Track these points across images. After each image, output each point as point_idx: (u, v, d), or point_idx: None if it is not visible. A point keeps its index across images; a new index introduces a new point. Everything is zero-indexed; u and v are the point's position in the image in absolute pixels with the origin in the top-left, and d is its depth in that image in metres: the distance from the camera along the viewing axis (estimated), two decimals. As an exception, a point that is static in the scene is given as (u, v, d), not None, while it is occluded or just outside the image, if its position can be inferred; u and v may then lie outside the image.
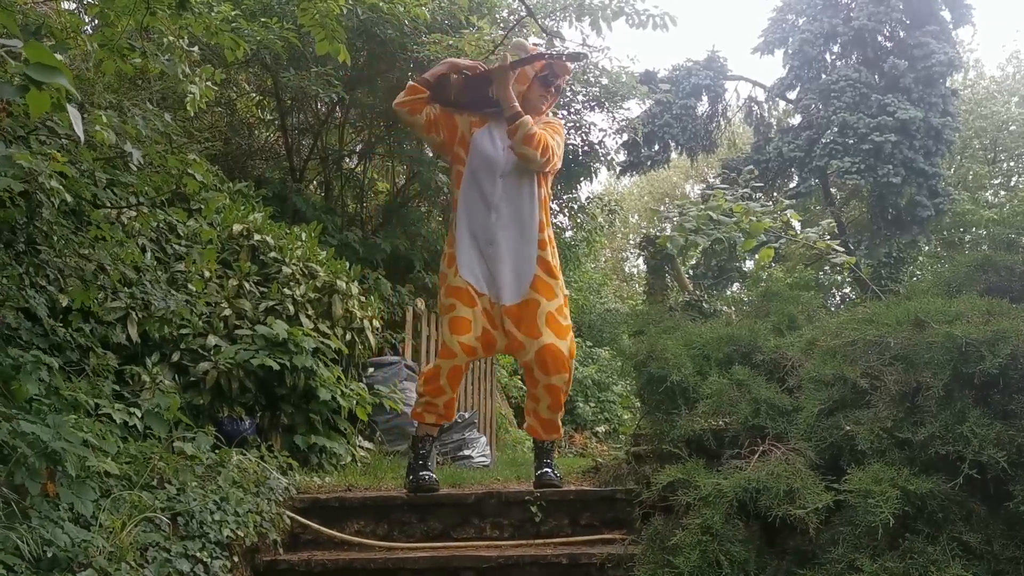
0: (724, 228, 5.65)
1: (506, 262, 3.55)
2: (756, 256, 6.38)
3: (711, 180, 19.45)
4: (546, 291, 3.55)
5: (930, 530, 2.40)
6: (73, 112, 1.50)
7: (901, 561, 2.33)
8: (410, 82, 3.66)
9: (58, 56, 1.52)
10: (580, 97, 8.32)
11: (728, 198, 5.85)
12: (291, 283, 4.66)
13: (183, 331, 3.94)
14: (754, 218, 5.64)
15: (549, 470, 3.58)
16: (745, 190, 6.27)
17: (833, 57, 17.53)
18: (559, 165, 3.71)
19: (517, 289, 3.55)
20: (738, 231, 5.66)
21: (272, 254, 4.79)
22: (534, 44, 4.31)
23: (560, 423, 3.72)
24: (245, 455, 3.47)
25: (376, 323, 5.24)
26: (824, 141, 16.51)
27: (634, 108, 10.49)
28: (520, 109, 3.53)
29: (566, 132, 8.20)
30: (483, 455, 5.76)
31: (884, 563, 2.33)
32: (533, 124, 3.51)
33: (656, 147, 17.98)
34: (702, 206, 5.91)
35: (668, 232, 5.96)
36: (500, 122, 3.62)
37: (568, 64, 3.75)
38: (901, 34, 16.88)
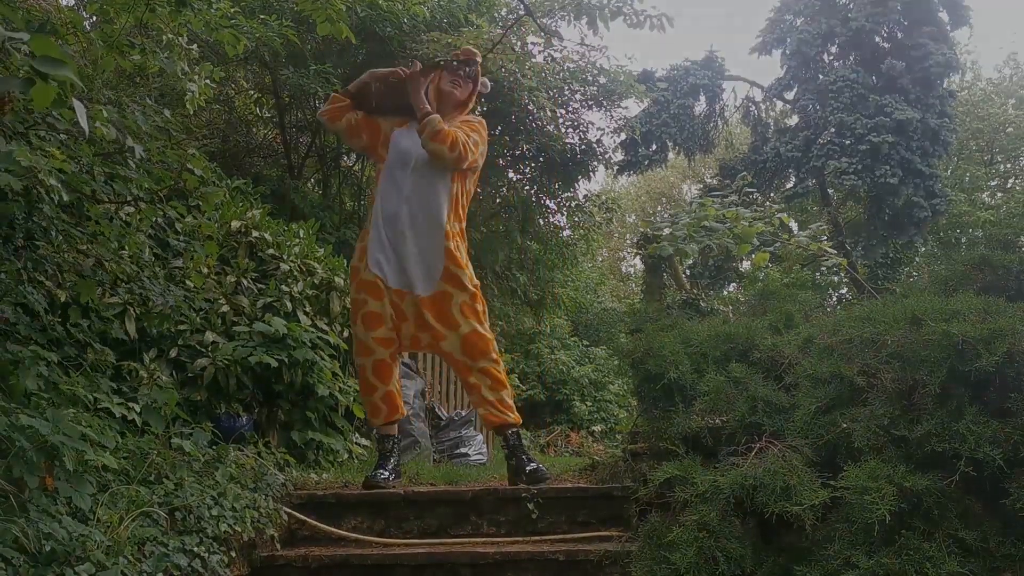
0: (716, 235, 5.66)
1: (414, 254, 3.67)
2: (753, 257, 6.37)
3: (708, 180, 19.46)
4: (455, 282, 3.68)
5: (926, 527, 2.41)
6: (78, 105, 1.50)
7: (897, 557, 2.33)
8: (332, 93, 3.98)
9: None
10: (578, 96, 8.31)
11: (716, 206, 5.84)
12: (289, 280, 4.66)
13: (181, 327, 3.94)
14: (746, 223, 5.64)
15: (535, 463, 3.63)
16: (734, 196, 6.27)
17: (831, 58, 17.49)
18: (480, 161, 3.82)
19: (429, 281, 3.68)
20: (730, 237, 5.66)
21: (270, 251, 4.79)
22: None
23: (512, 404, 3.75)
24: (242, 451, 3.48)
25: (374, 320, 5.22)
26: (821, 141, 16.48)
27: (632, 107, 10.44)
28: (429, 109, 3.69)
29: (564, 130, 8.23)
30: (480, 453, 5.78)
31: (880, 559, 2.34)
32: (441, 121, 3.64)
33: (654, 147, 17.92)
34: (693, 214, 5.91)
35: (665, 233, 5.95)
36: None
37: (471, 48, 3.95)
38: (899, 35, 16.85)
